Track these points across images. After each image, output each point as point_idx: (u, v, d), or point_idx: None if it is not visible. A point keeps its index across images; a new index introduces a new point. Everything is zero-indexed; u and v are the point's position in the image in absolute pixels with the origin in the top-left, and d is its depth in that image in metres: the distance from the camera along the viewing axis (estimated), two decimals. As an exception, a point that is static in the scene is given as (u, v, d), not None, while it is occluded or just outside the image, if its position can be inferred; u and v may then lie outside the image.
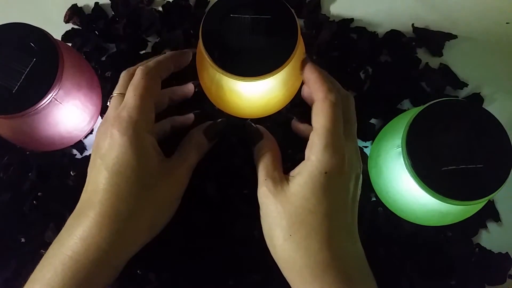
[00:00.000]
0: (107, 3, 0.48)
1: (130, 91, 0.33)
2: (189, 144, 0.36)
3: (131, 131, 0.32)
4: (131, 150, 0.31)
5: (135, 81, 0.34)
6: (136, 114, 0.32)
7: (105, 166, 0.31)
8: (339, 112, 0.32)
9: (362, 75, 0.45)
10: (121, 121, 0.32)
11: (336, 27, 0.46)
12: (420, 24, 0.47)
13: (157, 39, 0.46)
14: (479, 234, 0.41)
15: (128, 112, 0.32)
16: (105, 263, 0.31)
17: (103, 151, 0.32)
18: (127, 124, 0.32)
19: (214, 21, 0.34)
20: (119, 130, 0.31)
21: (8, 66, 0.34)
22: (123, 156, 0.31)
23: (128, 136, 0.31)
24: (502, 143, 0.32)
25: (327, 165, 0.31)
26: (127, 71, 0.36)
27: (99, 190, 0.31)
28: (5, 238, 0.40)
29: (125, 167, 0.31)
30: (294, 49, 0.34)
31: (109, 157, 0.31)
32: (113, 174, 0.31)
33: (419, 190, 0.32)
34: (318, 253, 0.30)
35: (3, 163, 0.42)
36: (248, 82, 0.34)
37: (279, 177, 0.33)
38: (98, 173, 0.32)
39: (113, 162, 0.31)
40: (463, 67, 0.46)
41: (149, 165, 0.32)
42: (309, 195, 0.31)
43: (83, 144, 0.43)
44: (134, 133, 0.32)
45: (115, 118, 0.32)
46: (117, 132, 0.31)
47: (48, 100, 0.34)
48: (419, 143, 0.32)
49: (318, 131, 0.32)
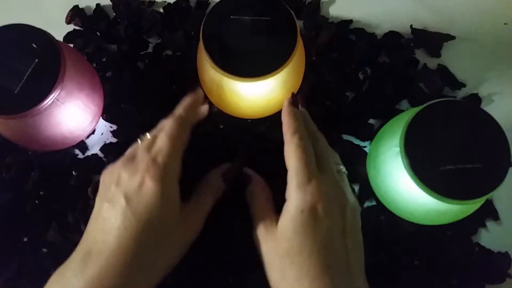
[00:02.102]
0: (109, 5, 0.48)
1: (164, 138, 0.33)
2: (207, 189, 0.36)
3: (165, 181, 0.31)
4: (162, 200, 0.31)
5: (168, 129, 0.33)
6: (170, 163, 0.32)
7: (132, 211, 0.30)
8: (307, 151, 0.33)
9: (361, 76, 0.46)
10: (156, 168, 0.31)
11: (335, 29, 0.46)
12: (418, 25, 0.47)
13: (158, 40, 0.47)
14: (478, 233, 0.41)
15: (163, 160, 0.32)
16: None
17: (130, 194, 0.31)
18: (162, 173, 0.31)
19: (214, 22, 0.35)
20: (154, 177, 0.31)
21: (10, 67, 0.35)
22: (153, 205, 0.31)
23: (162, 186, 0.31)
24: (500, 143, 0.33)
25: (302, 204, 0.31)
26: (166, 121, 0.35)
27: (120, 233, 0.30)
28: (7, 238, 0.40)
29: (154, 217, 0.31)
30: (293, 50, 0.34)
31: (138, 203, 0.31)
32: (140, 222, 0.30)
33: (417, 189, 0.32)
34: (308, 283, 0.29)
35: (5, 163, 0.42)
36: (248, 82, 0.34)
37: (269, 220, 0.33)
38: (123, 217, 0.30)
39: (142, 210, 0.30)
40: (461, 68, 0.46)
41: (173, 215, 0.32)
42: (292, 236, 0.31)
43: (85, 144, 0.43)
44: (167, 183, 0.31)
45: (149, 163, 0.31)
46: (152, 179, 0.31)
47: (50, 101, 0.34)
48: (417, 143, 0.32)
49: (290, 172, 0.32)
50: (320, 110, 0.43)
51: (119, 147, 0.43)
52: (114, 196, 0.31)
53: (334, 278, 0.30)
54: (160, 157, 0.32)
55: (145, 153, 0.33)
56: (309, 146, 0.33)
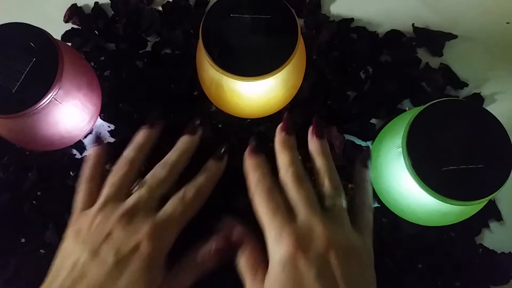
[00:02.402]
0: (107, 3, 0.48)
1: (179, 205, 0.32)
2: (187, 265, 0.33)
3: (163, 246, 0.30)
4: (153, 266, 0.30)
5: (187, 197, 0.33)
6: (174, 229, 0.31)
7: (118, 273, 0.29)
8: (271, 200, 0.31)
9: (363, 75, 0.45)
10: (159, 233, 0.30)
11: (336, 27, 0.46)
12: (421, 24, 0.47)
13: (157, 39, 0.46)
14: (481, 234, 0.41)
15: (169, 226, 0.31)
16: None
17: (123, 252, 0.29)
18: (163, 238, 0.31)
19: (214, 21, 0.34)
20: (154, 242, 0.30)
21: (8, 66, 0.34)
22: (145, 269, 0.29)
23: (156, 253, 0.30)
24: (503, 143, 0.32)
25: (282, 259, 0.28)
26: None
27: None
28: (5, 238, 0.40)
29: (141, 283, 0.29)
30: (294, 49, 0.34)
31: (128, 264, 0.29)
32: (126, 285, 0.28)
33: (419, 190, 0.32)
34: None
35: (2, 163, 0.42)
36: (248, 82, 0.34)
37: (259, 279, 0.30)
38: (106, 275, 0.28)
39: (131, 272, 0.29)
40: (464, 67, 0.46)
41: (156, 282, 0.30)
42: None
43: (82, 144, 0.43)
44: (164, 247, 0.31)
45: (153, 226, 0.30)
46: (150, 243, 0.30)
47: (48, 100, 0.34)
48: (419, 143, 0.32)
49: (263, 229, 0.31)
50: (321, 109, 0.43)
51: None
52: (101, 250, 0.29)
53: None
54: (166, 223, 0.31)
55: (148, 213, 0.31)
56: (274, 193, 0.32)
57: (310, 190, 0.32)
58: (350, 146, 0.42)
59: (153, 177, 0.33)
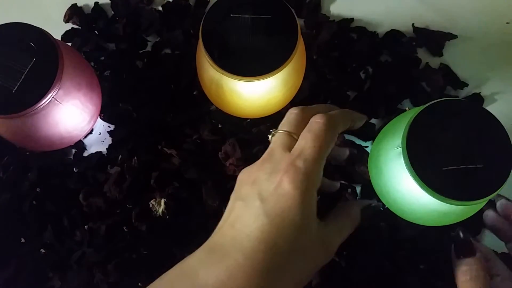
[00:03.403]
0: (107, 3, 0.48)
1: (309, 139, 0.30)
2: (347, 217, 0.33)
3: (304, 187, 0.29)
4: (300, 207, 0.28)
5: (317, 130, 0.30)
6: (313, 168, 0.29)
7: (266, 212, 0.28)
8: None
9: (362, 75, 0.45)
10: (297, 172, 0.29)
11: (336, 27, 0.46)
12: (420, 24, 0.47)
13: (157, 39, 0.46)
14: (482, 234, 0.41)
15: (306, 164, 0.29)
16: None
17: (265, 194, 0.29)
18: (303, 178, 0.29)
19: (214, 21, 0.34)
20: (293, 181, 0.28)
21: (8, 66, 0.34)
22: (289, 211, 0.28)
23: (301, 191, 0.28)
24: (503, 143, 0.32)
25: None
26: (301, 110, 0.33)
27: (253, 235, 0.28)
28: (5, 239, 0.40)
29: (288, 224, 0.28)
30: (294, 49, 0.34)
31: (273, 205, 0.28)
32: (274, 226, 0.28)
33: (419, 190, 0.32)
34: None
35: (2, 163, 0.42)
36: (248, 82, 0.34)
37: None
38: (256, 217, 0.28)
39: (276, 213, 0.28)
40: (464, 67, 0.46)
41: (309, 227, 0.29)
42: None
43: (83, 144, 0.43)
44: (307, 190, 0.29)
45: (289, 165, 0.29)
46: (290, 183, 0.28)
47: (48, 100, 0.34)
48: (419, 143, 0.32)
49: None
50: (320, 109, 0.43)
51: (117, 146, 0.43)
52: (248, 194, 0.30)
53: None
54: (301, 161, 0.29)
55: (283, 152, 0.30)
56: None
57: None
58: (350, 146, 0.42)
59: (290, 122, 0.33)
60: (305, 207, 0.29)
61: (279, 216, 0.28)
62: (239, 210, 0.30)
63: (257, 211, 0.28)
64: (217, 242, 0.29)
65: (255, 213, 0.28)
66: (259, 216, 0.28)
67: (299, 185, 0.29)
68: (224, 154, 0.40)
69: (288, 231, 0.28)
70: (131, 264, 0.39)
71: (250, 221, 0.28)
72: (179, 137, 0.42)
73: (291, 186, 0.28)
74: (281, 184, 0.29)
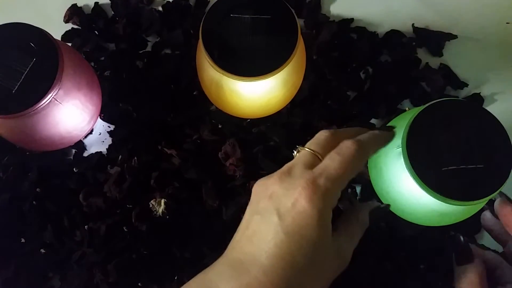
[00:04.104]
0: (107, 3, 0.48)
1: (336, 160, 0.30)
2: (357, 223, 0.33)
3: (322, 205, 0.29)
4: (317, 225, 0.28)
5: (346, 154, 0.30)
6: (333, 188, 0.29)
7: (283, 228, 0.28)
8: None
9: (362, 75, 0.45)
10: (317, 189, 0.29)
11: (336, 27, 0.46)
12: (420, 24, 0.47)
13: (157, 39, 0.46)
14: (482, 233, 0.41)
15: (327, 183, 0.29)
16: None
17: (283, 210, 0.29)
18: (322, 197, 0.29)
19: (214, 21, 0.34)
20: (312, 199, 0.28)
21: (8, 66, 0.34)
22: (307, 229, 0.28)
23: (319, 210, 0.29)
24: (502, 143, 0.32)
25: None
26: (332, 134, 0.33)
27: (271, 251, 0.28)
28: (5, 239, 0.40)
29: (306, 241, 0.28)
30: (294, 49, 0.34)
31: (291, 222, 0.28)
32: (292, 243, 0.28)
33: (419, 190, 0.32)
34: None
35: (3, 163, 0.42)
36: (248, 82, 0.34)
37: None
38: (274, 233, 0.28)
39: (294, 231, 0.28)
40: (463, 67, 0.46)
41: (325, 243, 0.29)
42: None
43: (83, 144, 0.43)
44: (325, 208, 0.29)
45: (309, 181, 0.29)
46: (308, 201, 0.28)
47: (48, 100, 0.34)
48: (419, 143, 0.32)
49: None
50: (321, 109, 0.43)
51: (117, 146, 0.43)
52: (265, 209, 0.29)
53: None
54: (323, 179, 0.29)
55: (305, 169, 0.30)
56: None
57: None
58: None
59: (319, 142, 0.33)
60: (322, 225, 0.29)
61: (298, 234, 0.28)
62: (257, 224, 0.29)
63: (276, 228, 0.28)
64: (236, 258, 0.29)
65: (273, 230, 0.29)
66: (278, 233, 0.28)
67: (317, 204, 0.29)
68: (224, 154, 0.40)
69: (306, 248, 0.28)
70: (131, 264, 0.39)
71: (269, 237, 0.28)
72: (179, 137, 0.42)
73: (309, 205, 0.28)
74: (298, 200, 0.29)
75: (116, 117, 0.43)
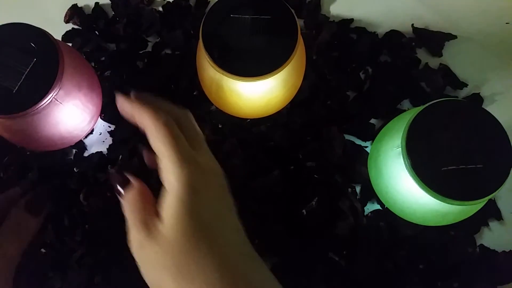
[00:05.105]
0: (108, 3, 0.48)
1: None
2: (6, 232, 0.32)
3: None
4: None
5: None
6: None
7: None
8: (173, 130, 0.29)
9: (362, 75, 0.45)
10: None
11: (336, 27, 0.46)
12: (420, 24, 0.47)
13: (157, 39, 0.46)
14: (481, 233, 0.41)
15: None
16: None
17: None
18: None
19: (214, 21, 0.34)
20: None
21: (9, 66, 0.34)
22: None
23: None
24: (502, 143, 0.32)
25: (191, 181, 0.27)
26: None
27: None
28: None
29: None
30: (294, 49, 0.34)
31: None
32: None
33: (419, 190, 0.32)
34: (215, 277, 0.26)
35: (3, 163, 0.42)
36: (248, 82, 0.34)
37: (149, 217, 0.28)
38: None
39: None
40: (463, 67, 0.46)
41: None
42: (187, 220, 0.27)
43: (83, 144, 0.43)
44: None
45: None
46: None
47: (49, 100, 0.34)
48: (419, 143, 0.32)
49: (163, 155, 0.28)
50: (321, 109, 0.43)
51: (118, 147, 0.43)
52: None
53: (239, 258, 0.27)
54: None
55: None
56: (176, 128, 0.29)
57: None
58: (350, 146, 0.43)
59: None
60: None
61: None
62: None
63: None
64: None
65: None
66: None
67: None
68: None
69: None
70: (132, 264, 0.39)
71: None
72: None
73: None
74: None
75: (117, 117, 0.43)
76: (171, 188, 0.28)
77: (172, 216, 0.27)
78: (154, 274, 0.27)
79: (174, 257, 0.26)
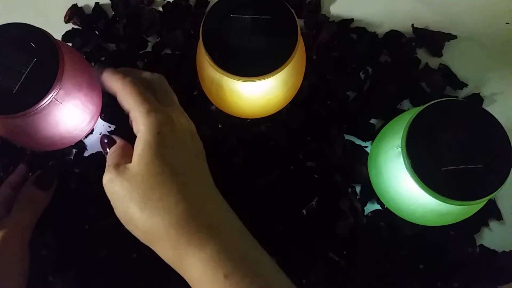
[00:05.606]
0: (108, 3, 0.48)
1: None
2: (20, 203, 0.36)
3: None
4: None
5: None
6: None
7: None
8: (139, 87, 0.32)
9: (362, 75, 0.45)
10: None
11: (336, 28, 0.46)
12: (420, 24, 0.47)
13: (157, 39, 0.46)
14: (481, 233, 0.41)
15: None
16: None
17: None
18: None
19: (214, 21, 0.34)
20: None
21: (9, 66, 0.34)
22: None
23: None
24: (502, 143, 0.32)
25: (156, 126, 0.30)
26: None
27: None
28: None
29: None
30: (294, 49, 0.34)
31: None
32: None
33: (419, 190, 0.32)
34: (176, 207, 0.29)
35: (3, 163, 0.42)
36: (248, 82, 0.34)
37: (122, 160, 0.32)
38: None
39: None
40: (463, 67, 0.46)
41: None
42: (152, 158, 0.30)
43: (83, 144, 0.43)
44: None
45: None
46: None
47: (49, 100, 0.34)
48: (419, 143, 0.32)
49: (131, 108, 0.32)
50: (321, 109, 0.43)
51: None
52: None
53: (197, 193, 0.31)
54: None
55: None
56: (141, 86, 0.33)
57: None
58: (350, 146, 0.43)
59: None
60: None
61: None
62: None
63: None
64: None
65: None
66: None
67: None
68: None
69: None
70: (132, 264, 0.39)
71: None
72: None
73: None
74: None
75: (117, 117, 0.43)
76: (140, 135, 0.31)
77: (139, 155, 0.30)
78: (122, 206, 0.30)
79: (140, 190, 0.30)
